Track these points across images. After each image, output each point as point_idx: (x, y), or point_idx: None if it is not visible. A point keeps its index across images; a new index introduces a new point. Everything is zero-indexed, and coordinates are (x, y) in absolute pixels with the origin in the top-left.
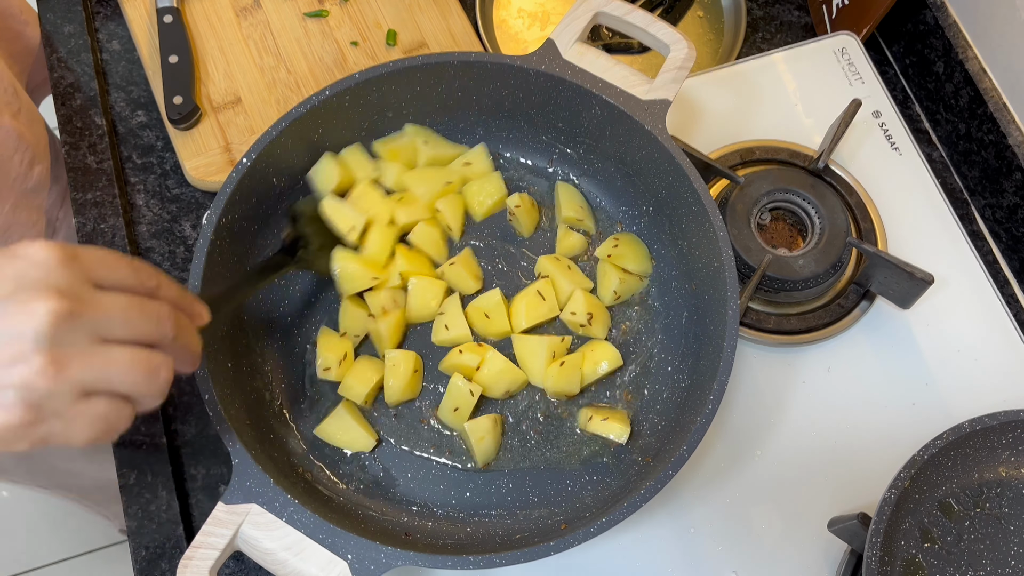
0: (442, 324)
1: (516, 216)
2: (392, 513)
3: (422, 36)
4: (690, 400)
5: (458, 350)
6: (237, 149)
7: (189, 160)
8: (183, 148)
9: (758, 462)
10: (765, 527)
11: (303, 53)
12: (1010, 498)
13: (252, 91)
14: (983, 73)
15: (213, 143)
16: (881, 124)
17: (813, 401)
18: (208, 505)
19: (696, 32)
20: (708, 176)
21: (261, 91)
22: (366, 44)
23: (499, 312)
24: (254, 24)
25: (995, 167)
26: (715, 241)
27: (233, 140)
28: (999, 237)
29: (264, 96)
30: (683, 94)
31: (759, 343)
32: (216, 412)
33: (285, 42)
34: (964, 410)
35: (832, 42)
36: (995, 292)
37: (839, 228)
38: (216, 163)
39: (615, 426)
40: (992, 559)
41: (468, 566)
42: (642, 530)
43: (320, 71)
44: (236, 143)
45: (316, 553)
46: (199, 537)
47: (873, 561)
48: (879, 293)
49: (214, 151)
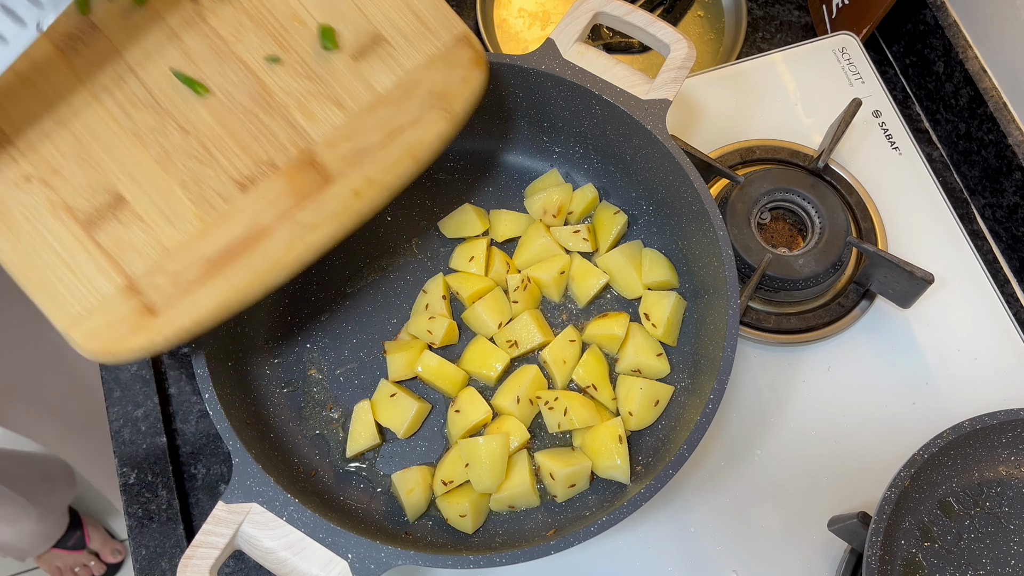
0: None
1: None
2: (392, 512)
3: (373, 25)
4: (690, 400)
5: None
6: (150, 285)
7: (74, 327)
8: (50, 305)
9: (758, 462)
10: (765, 527)
11: (195, 95)
12: (1010, 497)
13: (137, 179)
14: (983, 73)
15: (103, 283)
16: (881, 124)
17: (813, 401)
18: (208, 504)
19: (696, 32)
20: (708, 176)
21: (151, 175)
22: (291, 56)
23: None
24: (95, 63)
25: (995, 166)
26: (715, 241)
27: (136, 271)
28: (999, 236)
29: (159, 182)
30: (683, 94)
31: (759, 343)
32: (216, 412)
33: (158, 83)
34: (964, 409)
35: (832, 42)
36: (995, 292)
37: (839, 227)
38: (121, 318)
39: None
40: (992, 558)
41: (468, 565)
42: (642, 530)
43: (235, 119)
44: (142, 273)
45: (316, 552)
46: (199, 536)
47: (873, 560)
48: (879, 292)
49: (112, 300)
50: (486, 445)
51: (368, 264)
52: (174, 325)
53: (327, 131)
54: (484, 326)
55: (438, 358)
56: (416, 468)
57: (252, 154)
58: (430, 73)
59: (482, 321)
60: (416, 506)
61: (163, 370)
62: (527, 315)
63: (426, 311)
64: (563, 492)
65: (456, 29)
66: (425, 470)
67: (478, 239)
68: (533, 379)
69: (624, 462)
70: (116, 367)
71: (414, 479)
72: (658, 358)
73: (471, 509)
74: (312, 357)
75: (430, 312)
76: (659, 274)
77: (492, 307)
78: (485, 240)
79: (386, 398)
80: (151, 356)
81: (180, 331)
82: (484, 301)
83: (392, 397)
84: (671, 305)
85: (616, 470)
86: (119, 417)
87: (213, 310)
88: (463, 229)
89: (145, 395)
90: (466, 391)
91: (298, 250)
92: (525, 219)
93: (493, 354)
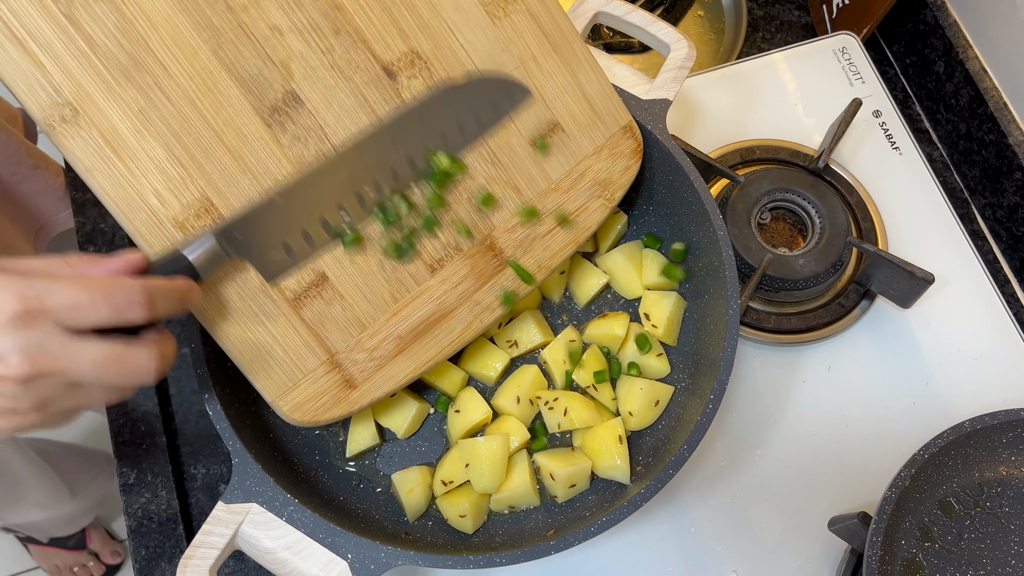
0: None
1: None
2: (392, 513)
3: (551, 112)
4: (690, 400)
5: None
6: (350, 361)
7: (281, 398)
8: (260, 377)
9: (758, 462)
10: (765, 527)
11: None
12: (1010, 497)
13: (339, 259)
14: (983, 73)
15: (310, 358)
16: (881, 124)
17: (813, 401)
18: (208, 505)
19: (696, 32)
20: (708, 176)
21: (353, 256)
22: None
23: None
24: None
25: (995, 166)
26: (715, 240)
27: (338, 347)
28: (999, 236)
29: (359, 261)
30: (683, 94)
31: (759, 342)
32: (216, 412)
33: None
34: (964, 409)
35: (832, 42)
36: (995, 291)
37: (839, 227)
38: (323, 391)
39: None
40: (992, 558)
41: (468, 566)
42: (642, 530)
43: None
44: (343, 349)
45: (316, 552)
46: (199, 536)
47: (873, 560)
48: (879, 292)
49: (316, 374)
50: (486, 445)
51: None
52: (370, 396)
53: (506, 217)
54: None
55: None
56: (416, 468)
57: (443, 238)
58: (597, 162)
59: None
60: (416, 506)
61: None
62: (527, 315)
63: None
64: (563, 492)
65: (623, 119)
66: (425, 470)
67: None
68: (533, 379)
69: (624, 462)
70: None
71: (414, 479)
72: (658, 358)
73: (471, 509)
74: None
75: None
76: (659, 274)
77: None
78: None
79: (386, 398)
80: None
81: (373, 400)
82: None
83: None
84: (671, 305)
85: (616, 470)
86: (119, 417)
87: (402, 382)
88: None
89: (145, 395)
90: (466, 391)
91: (475, 328)
92: None
93: (493, 354)
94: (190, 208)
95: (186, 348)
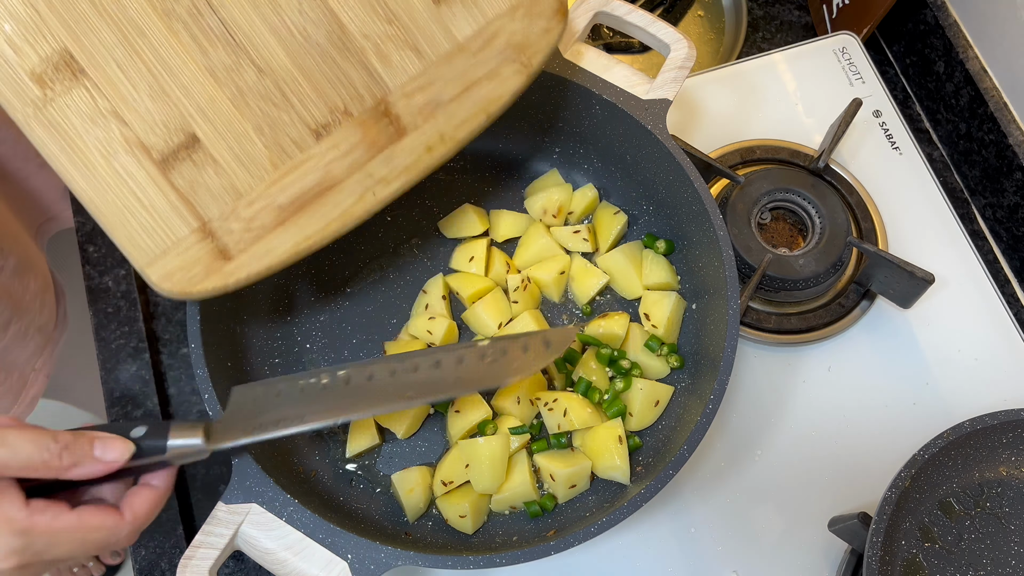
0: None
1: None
2: (392, 513)
3: None
4: (690, 400)
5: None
6: (224, 230)
7: (150, 266)
8: (126, 242)
9: (758, 462)
10: (765, 527)
11: (272, 30)
12: (1011, 497)
13: (211, 119)
14: (984, 72)
15: (179, 224)
16: (881, 124)
17: (813, 401)
18: (208, 505)
19: (696, 32)
20: (708, 176)
21: (226, 115)
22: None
23: None
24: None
25: (996, 166)
26: (715, 241)
27: (211, 214)
28: (1000, 236)
29: (234, 124)
30: (683, 94)
31: (759, 343)
32: (216, 412)
33: (235, 18)
34: (964, 410)
35: (832, 42)
36: (995, 292)
37: (839, 228)
38: (195, 260)
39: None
40: (992, 558)
41: (468, 566)
42: (642, 530)
43: (311, 62)
44: (217, 217)
45: (316, 553)
46: (199, 536)
47: (873, 561)
48: (879, 293)
49: (187, 242)
50: (486, 445)
51: (368, 264)
52: (246, 270)
53: (403, 80)
54: (484, 326)
55: None
56: (416, 468)
57: (328, 100)
58: (511, 22)
59: (482, 321)
60: (416, 506)
61: (163, 370)
62: (527, 315)
63: (426, 311)
64: (563, 493)
65: None
66: (425, 470)
67: (478, 239)
68: (533, 379)
69: (624, 462)
70: (115, 367)
71: (414, 479)
72: (658, 358)
73: (471, 509)
74: (312, 357)
75: (430, 312)
76: (659, 274)
77: (492, 307)
78: (485, 240)
79: (268, 273)
80: (222, 294)
81: (251, 276)
82: (484, 301)
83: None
84: (671, 305)
85: (616, 471)
86: (119, 417)
87: (283, 257)
88: (463, 229)
89: (145, 395)
90: None
91: (367, 202)
92: (525, 219)
93: None
94: (48, 61)
95: (186, 348)
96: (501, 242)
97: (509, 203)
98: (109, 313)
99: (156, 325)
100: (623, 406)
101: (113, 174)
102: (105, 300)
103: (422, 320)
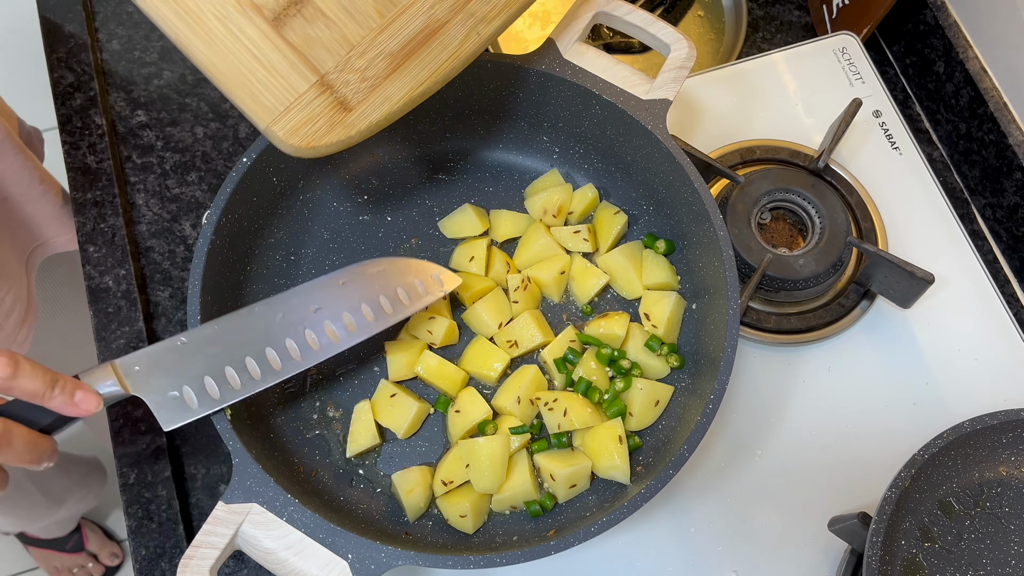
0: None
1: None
2: (392, 513)
3: None
4: (690, 400)
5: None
6: (341, 82)
7: (275, 123)
8: (250, 102)
9: (758, 462)
10: (765, 527)
11: None
12: (1010, 497)
13: None
14: (983, 73)
15: (298, 80)
16: (881, 124)
17: (813, 401)
18: (208, 505)
19: (696, 32)
20: (708, 176)
21: None
22: None
23: None
24: None
25: (995, 166)
26: (715, 241)
27: (327, 67)
28: (999, 236)
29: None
30: (683, 94)
31: (759, 343)
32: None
33: None
34: (964, 409)
35: (832, 42)
36: (995, 292)
37: (839, 228)
38: (318, 114)
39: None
40: (992, 558)
41: (468, 566)
42: (642, 530)
43: None
44: (332, 69)
45: (316, 552)
46: (199, 536)
47: (873, 561)
48: (879, 292)
49: (308, 96)
50: (486, 445)
51: None
52: (367, 120)
53: None
54: (484, 326)
55: (438, 358)
56: (416, 468)
57: None
58: None
59: (482, 321)
60: (416, 506)
61: None
62: (527, 315)
63: (426, 311)
64: (564, 492)
65: None
66: (425, 470)
67: (478, 239)
68: (533, 379)
69: (624, 462)
70: None
71: (414, 479)
72: (658, 358)
73: (471, 509)
74: None
75: (430, 312)
76: (659, 274)
77: (492, 307)
78: (485, 240)
79: (386, 398)
80: (346, 148)
81: (372, 125)
82: (484, 301)
83: (392, 397)
84: (671, 305)
85: (616, 470)
86: (119, 417)
87: (400, 104)
88: (463, 229)
89: None
90: (466, 391)
91: (472, 42)
92: (525, 219)
93: (493, 354)
94: None
95: None
96: (501, 242)
97: (509, 203)
98: (109, 313)
99: (156, 325)
100: (623, 406)
101: (230, 36)
102: (105, 300)
103: (422, 320)
